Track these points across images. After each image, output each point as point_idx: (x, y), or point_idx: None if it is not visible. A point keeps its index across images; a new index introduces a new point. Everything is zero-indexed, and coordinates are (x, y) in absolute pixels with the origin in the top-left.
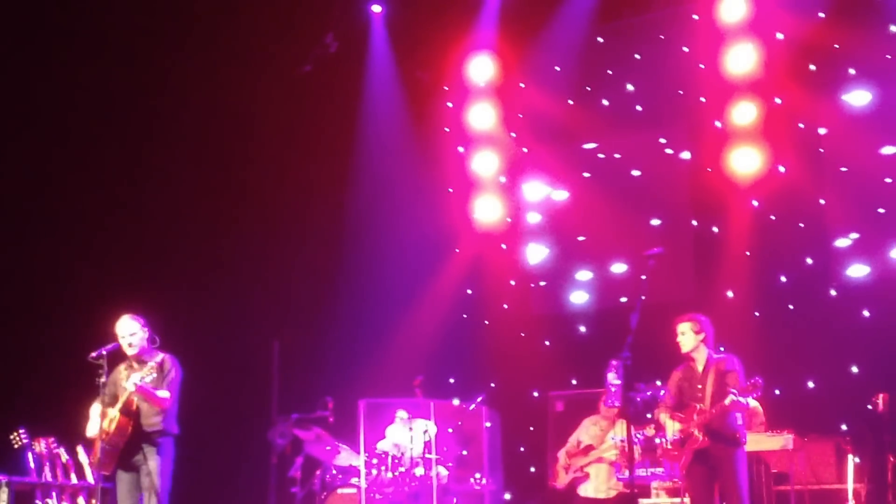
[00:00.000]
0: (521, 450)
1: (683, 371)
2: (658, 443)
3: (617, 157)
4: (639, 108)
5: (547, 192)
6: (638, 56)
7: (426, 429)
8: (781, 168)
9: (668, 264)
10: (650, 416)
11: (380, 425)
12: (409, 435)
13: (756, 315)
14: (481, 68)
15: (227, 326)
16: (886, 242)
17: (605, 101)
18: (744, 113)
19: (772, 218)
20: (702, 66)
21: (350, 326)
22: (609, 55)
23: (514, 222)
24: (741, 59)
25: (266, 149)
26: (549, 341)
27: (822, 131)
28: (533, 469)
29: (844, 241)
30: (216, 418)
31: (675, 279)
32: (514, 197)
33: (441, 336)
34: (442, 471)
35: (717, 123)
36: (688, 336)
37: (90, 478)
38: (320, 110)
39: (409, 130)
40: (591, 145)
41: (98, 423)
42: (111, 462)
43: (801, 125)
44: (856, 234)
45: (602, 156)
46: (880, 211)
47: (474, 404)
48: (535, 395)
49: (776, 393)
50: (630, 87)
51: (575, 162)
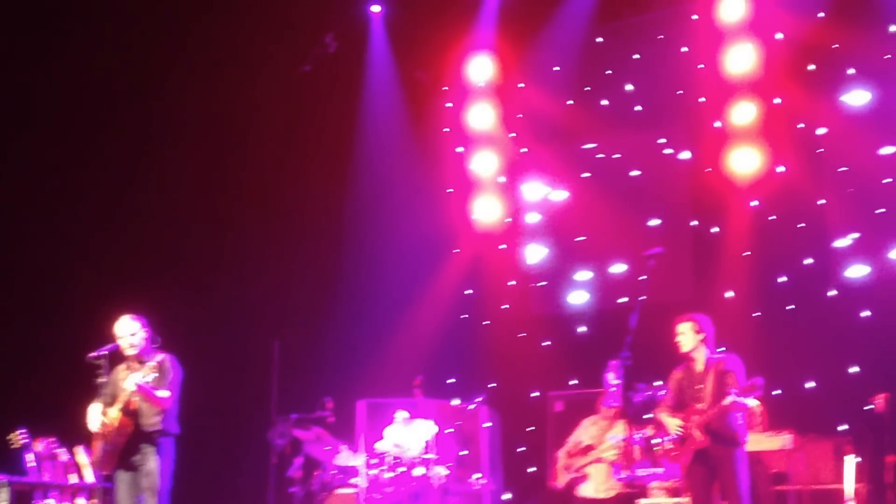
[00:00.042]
0: (521, 450)
1: (683, 371)
2: (657, 443)
3: (616, 157)
4: (638, 108)
5: (546, 192)
6: (637, 56)
7: (426, 429)
8: (781, 168)
9: (668, 264)
10: (649, 417)
11: (379, 425)
12: (408, 435)
13: (755, 315)
14: (481, 68)
15: (227, 326)
16: (886, 243)
17: (604, 102)
18: (743, 113)
19: (771, 218)
20: (701, 66)
21: (350, 326)
22: (608, 55)
23: (514, 222)
24: (740, 59)
25: (266, 149)
26: (548, 341)
27: (822, 131)
28: (532, 469)
29: (844, 242)
30: (216, 418)
31: (675, 279)
32: (513, 197)
33: (440, 336)
34: (441, 471)
35: (717, 123)
36: (687, 336)
37: (90, 478)
38: (320, 110)
39: (408, 130)
40: (590, 145)
41: (99, 418)
42: (111, 462)
43: (801, 125)
44: (855, 235)
45: (601, 156)
46: (880, 211)
47: (474, 404)
48: (534, 395)
49: (775, 393)
50: (629, 87)
51: (574, 162)
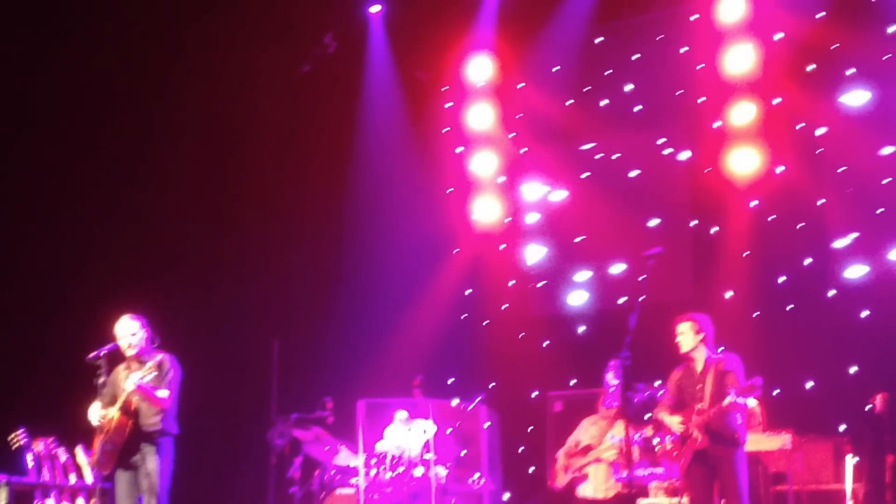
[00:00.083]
0: (520, 450)
1: (683, 371)
2: (657, 443)
3: (616, 157)
4: (638, 108)
5: (546, 192)
6: (637, 56)
7: (425, 429)
8: (780, 168)
9: (667, 264)
10: (649, 417)
11: (379, 425)
12: (408, 435)
13: (755, 315)
14: (480, 68)
15: (227, 326)
16: (885, 243)
17: (604, 102)
18: (742, 113)
19: (771, 218)
20: (701, 66)
21: (349, 326)
22: (608, 55)
23: (514, 222)
24: (740, 59)
25: (265, 149)
26: (548, 341)
27: (821, 131)
28: (532, 469)
29: (843, 242)
30: (215, 418)
31: (674, 279)
32: (513, 197)
33: (440, 336)
34: (441, 471)
35: (716, 124)
36: (687, 336)
37: (89, 478)
38: (319, 111)
39: (407, 131)
40: (589, 145)
41: (98, 415)
42: (110, 462)
43: (800, 125)
44: (855, 235)
45: (601, 156)
46: (879, 211)
47: (473, 404)
48: (533, 395)
49: (775, 393)
50: (629, 87)
51: (574, 162)
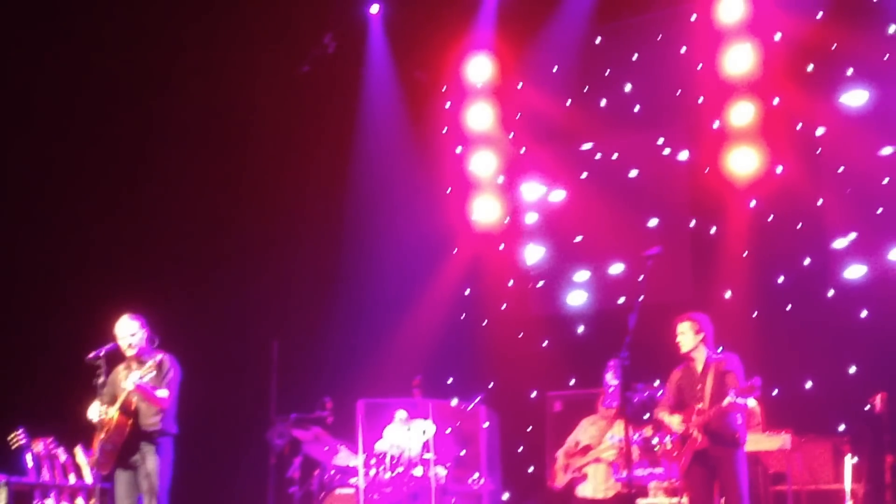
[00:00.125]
0: (520, 450)
1: (683, 371)
2: (656, 443)
3: (615, 157)
4: (637, 108)
5: (545, 192)
6: (636, 56)
7: (424, 429)
8: (779, 168)
9: (666, 265)
10: (648, 417)
11: (378, 425)
12: (407, 435)
13: (754, 315)
14: (479, 68)
15: (227, 326)
16: (884, 243)
17: (603, 102)
18: (742, 113)
19: (770, 218)
20: (700, 66)
21: (349, 326)
22: (607, 55)
23: (513, 223)
24: (739, 59)
25: (265, 149)
26: (547, 341)
27: (821, 132)
28: (531, 469)
29: (842, 242)
30: (215, 418)
31: (673, 280)
32: (512, 197)
33: (439, 336)
34: (440, 471)
35: (716, 124)
36: (687, 336)
37: (88, 478)
38: (319, 111)
39: (407, 131)
40: (589, 145)
41: (97, 412)
42: (109, 462)
43: (799, 125)
44: (854, 235)
45: (600, 156)
46: (878, 211)
47: (473, 404)
48: (533, 395)
49: (774, 393)
50: (628, 87)
51: (573, 162)
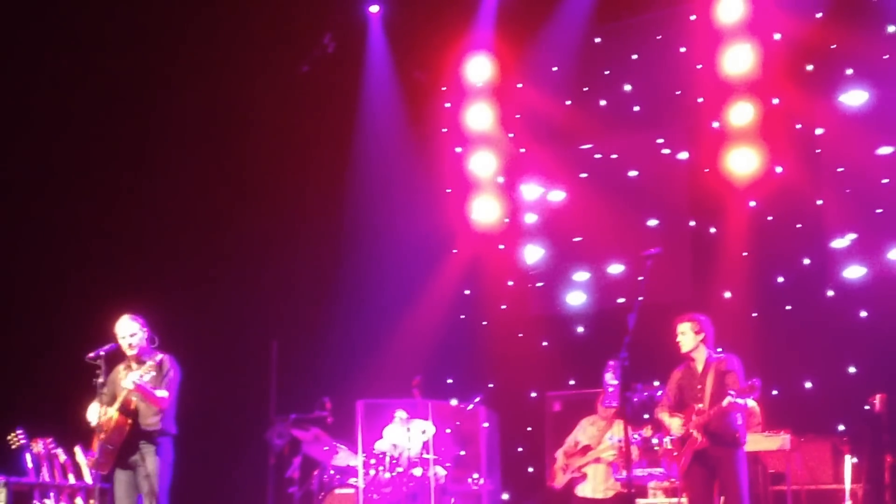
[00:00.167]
0: (519, 450)
1: (683, 371)
2: (656, 443)
3: (614, 157)
4: (636, 108)
5: (544, 192)
6: (635, 56)
7: (424, 429)
8: (779, 168)
9: (666, 265)
10: (647, 417)
11: (378, 425)
12: (407, 435)
13: (753, 315)
14: (479, 69)
15: (226, 326)
16: (883, 243)
17: (602, 102)
18: (741, 113)
19: (769, 218)
20: (699, 66)
21: (348, 327)
22: (606, 56)
23: (512, 223)
24: (739, 59)
25: (264, 149)
26: (546, 342)
27: (820, 132)
28: (531, 469)
29: (842, 242)
30: (215, 418)
31: (673, 280)
32: (511, 197)
33: (439, 336)
34: (440, 471)
35: (715, 124)
36: (688, 336)
37: (88, 478)
38: (318, 111)
39: (406, 131)
40: (588, 146)
41: (97, 414)
42: (109, 462)
43: (799, 126)
44: (853, 235)
45: (599, 156)
46: (877, 211)
47: (472, 405)
48: (532, 395)
49: (773, 393)
50: (627, 87)
51: (572, 162)
